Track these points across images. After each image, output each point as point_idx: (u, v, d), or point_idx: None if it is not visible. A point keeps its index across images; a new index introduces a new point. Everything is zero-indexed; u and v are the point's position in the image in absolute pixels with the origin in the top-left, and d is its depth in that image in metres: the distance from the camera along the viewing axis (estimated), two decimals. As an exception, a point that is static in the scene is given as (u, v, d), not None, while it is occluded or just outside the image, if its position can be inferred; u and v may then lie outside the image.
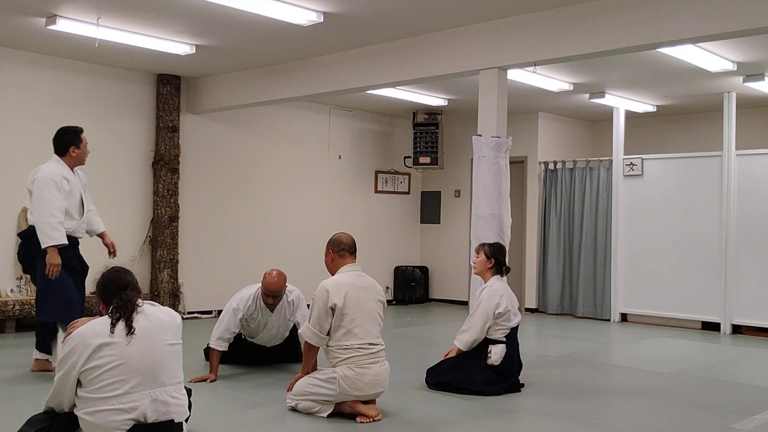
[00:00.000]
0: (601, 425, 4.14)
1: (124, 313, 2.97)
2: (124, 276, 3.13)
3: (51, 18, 6.00)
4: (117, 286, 3.06)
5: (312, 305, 4.14)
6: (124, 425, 2.86)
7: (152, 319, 3.05)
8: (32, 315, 6.92)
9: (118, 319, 2.96)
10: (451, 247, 10.61)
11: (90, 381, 2.88)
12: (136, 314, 3.00)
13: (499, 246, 5.14)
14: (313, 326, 4.10)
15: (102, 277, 3.17)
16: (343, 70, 6.96)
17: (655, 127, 10.02)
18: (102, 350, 2.89)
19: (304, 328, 4.16)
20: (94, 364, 2.87)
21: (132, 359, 2.90)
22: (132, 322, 2.96)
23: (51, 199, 4.88)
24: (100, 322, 3.00)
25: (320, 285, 4.14)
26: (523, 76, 7.11)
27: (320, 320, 4.08)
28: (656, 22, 5.07)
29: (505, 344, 4.90)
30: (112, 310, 3.01)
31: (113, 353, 2.89)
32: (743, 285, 7.99)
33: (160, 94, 8.10)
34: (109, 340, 2.90)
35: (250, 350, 5.46)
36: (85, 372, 2.88)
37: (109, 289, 3.08)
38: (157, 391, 2.94)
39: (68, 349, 2.92)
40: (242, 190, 8.92)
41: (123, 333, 2.93)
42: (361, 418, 4.04)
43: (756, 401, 4.80)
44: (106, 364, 2.87)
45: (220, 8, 5.57)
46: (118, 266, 3.23)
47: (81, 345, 2.90)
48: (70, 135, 5.21)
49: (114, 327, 2.93)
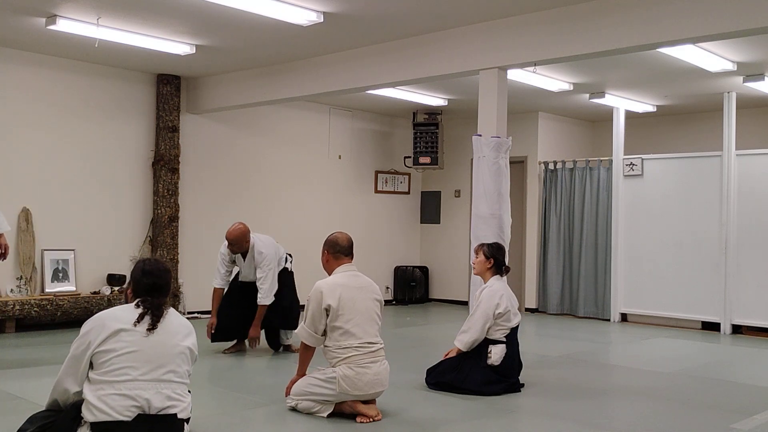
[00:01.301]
0: (601, 425, 4.14)
1: (152, 310, 3.04)
2: (162, 276, 3.16)
3: (51, 18, 6.00)
4: (152, 285, 3.11)
5: (307, 306, 4.15)
6: (128, 411, 2.89)
7: (174, 319, 3.13)
8: (32, 315, 6.93)
9: (145, 315, 3.02)
10: (451, 247, 10.61)
11: (101, 363, 2.92)
12: (162, 315, 3.07)
13: (498, 246, 5.14)
14: (308, 327, 4.11)
15: (141, 265, 3.19)
16: (343, 70, 6.96)
17: (655, 127, 10.02)
18: (119, 335, 2.95)
19: (300, 328, 4.17)
20: (108, 347, 2.92)
21: (145, 349, 2.96)
22: (157, 321, 3.03)
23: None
24: (124, 308, 3.07)
25: (315, 286, 4.14)
26: (523, 76, 7.11)
27: (315, 321, 4.08)
28: (656, 22, 5.06)
29: (505, 344, 4.89)
30: (138, 303, 3.07)
31: (129, 340, 2.95)
32: (743, 285, 7.99)
33: (160, 94, 8.10)
34: (129, 327, 2.97)
35: (244, 299, 6.06)
36: (99, 354, 2.93)
37: (142, 283, 3.12)
38: (163, 385, 2.98)
39: (87, 329, 2.98)
40: (242, 190, 8.92)
41: (145, 326, 3.00)
42: (361, 418, 4.04)
43: (756, 401, 4.80)
44: (121, 349, 2.93)
45: (220, 8, 5.57)
46: (158, 261, 3.27)
47: (99, 326, 2.96)
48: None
49: (140, 321, 2.99)
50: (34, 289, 7.20)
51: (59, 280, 7.34)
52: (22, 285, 7.13)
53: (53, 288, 7.27)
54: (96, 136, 7.74)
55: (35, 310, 6.90)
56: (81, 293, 7.39)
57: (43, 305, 6.94)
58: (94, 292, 7.46)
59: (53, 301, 7.01)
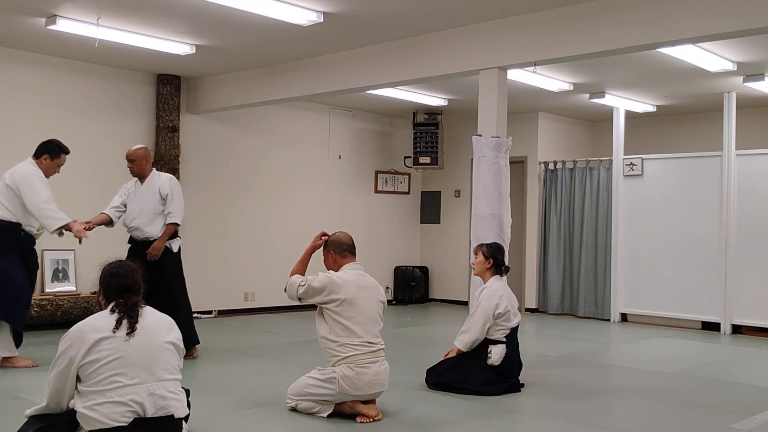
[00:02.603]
0: (601, 425, 4.14)
1: (127, 313, 2.99)
2: (129, 276, 3.09)
3: (51, 18, 6.00)
4: (121, 287, 3.05)
5: (315, 276, 4.14)
6: (124, 417, 2.87)
7: (151, 317, 3.08)
8: (32, 315, 6.91)
9: (121, 320, 2.97)
10: (451, 247, 10.61)
11: (88, 375, 2.89)
12: (138, 316, 3.01)
13: (496, 246, 5.14)
14: (300, 281, 4.13)
15: (107, 269, 3.13)
16: (343, 70, 6.96)
17: (655, 127, 10.02)
18: (100, 344, 2.90)
19: (293, 280, 4.20)
20: (92, 358, 2.89)
21: (129, 353, 2.92)
22: (135, 323, 2.98)
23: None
24: (99, 317, 3.01)
25: (329, 274, 4.17)
26: (523, 76, 7.11)
27: (311, 282, 4.09)
28: (656, 22, 5.07)
29: (505, 344, 4.89)
30: (113, 308, 3.02)
31: (111, 347, 2.91)
32: (743, 285, 7.99)
33: (160, 94, 8.10)
34: (108, 335, 2.92)
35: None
36: (84, 366, 2.89)
37: (112, 286, 3.07)
38: (154, 385, 2.95)
39: (66, 345, 2.93)
40: (242, 190, 8.92)
41: (124, 331, 2.95)
42: (361, 418, 4.04)
43: (756, 401, 4.80)
44: (104, 358, 2.89)
45: (220, 8, 5.57)
46: (124, 261, 3.18)
47: (79, 340, 2.91)
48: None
49: (118, 326, 2.94)
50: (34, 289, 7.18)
51: (59, 280, 7.35)
52: (22, 285, 7.12)
53: (53, 288, 7.28)
54: (96, 136, 7.74)
55: (35, 310, 6.89)
56: (81, 293, 7.38)
57: (43, 305, 6.93)
58: (94, 292, 7.45)
59: (53, 301, 7.01)
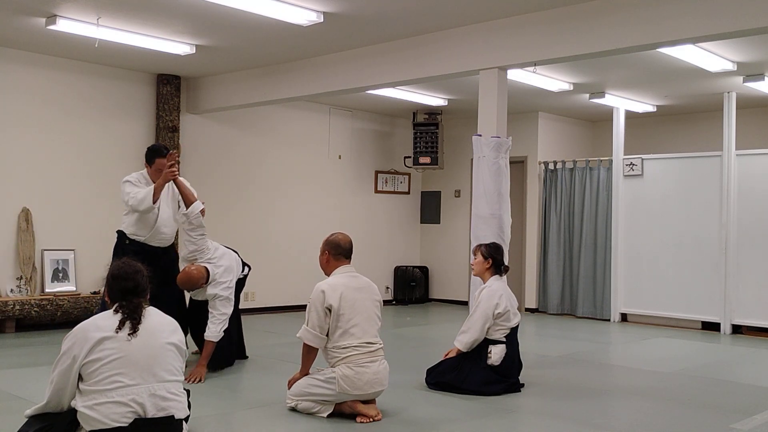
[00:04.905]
0: (601, 425, 4.14)
1: (129, 315, 3.01)
2: (133, 278, 3.10)
3: (51, 18, 6.00)
4: (124, 289, 3.07)
5: (309, 307, 4.14)
6: (124, 417, 2.87)
7: (155, 318, 3.10)
8: (32, 315, 6.92)
9: (124, 320, 2.99)
10: (451, 247, 10.61)
11: (90, 374, 2.90)
12: (141, 317, 3.03)
13: (495, 246, 5.14)
14: (312, 328, 4.09)
15: (111, 269, 3.18)
16: (343, 70, 6.96)
17: (655, 127, 10.02)
18: (103, 344, 2.92)
19: (303, 331, 4.14)
20: (94, 357, 2.90)
21: (131, 353, 2.93)
22: (137, 324, 2.99)
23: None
24: (103, 316, 3.03)
25: (315, 287, 4.14)
26: (523, 76, 7.11)
27: (319, 321, 4.07)
28: (656, 22, 5.07)
29: (505, 344, 4.89)
30: (116, 308, 3.04)
31: (114, 347, 2.92)
32: (743, 285, 7.99)
33: (160, 94, 8.10)
34: (110, 334, 2.94)
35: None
36: (86, 365, 2.90)
37: (115, 288, 3.09)
38: (156, 386, 2.96)
39: (69, 344, 2.95)
40: (242, 190, 8.92)
41: (126, 331, 2.97)
42: (361, 418, 4.04)
43: (756, 401, 4.80)
44: (106, 357, 2.90)
45: (220, 8, 5.57)
46: (129, 262, 3.18)
47: (82, 339, 2.93)
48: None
49: (121, 327, 2.96)
50: (34, 289, 7.20)
51: (59, 280, 7.35)
52: (22, 285, 7.12)
53: (53, 288, 7.27)
54: (96, 136, 7.74)
55: (35, 310, 6.90)
56: (81, 293, 7.38)
57: (43, 305, 6.94)
58: (94, 292, 7.46)
59: (53, 301, 7.01)
